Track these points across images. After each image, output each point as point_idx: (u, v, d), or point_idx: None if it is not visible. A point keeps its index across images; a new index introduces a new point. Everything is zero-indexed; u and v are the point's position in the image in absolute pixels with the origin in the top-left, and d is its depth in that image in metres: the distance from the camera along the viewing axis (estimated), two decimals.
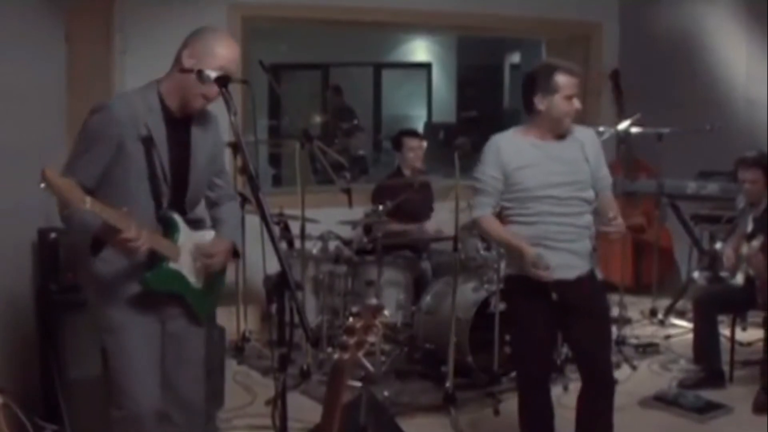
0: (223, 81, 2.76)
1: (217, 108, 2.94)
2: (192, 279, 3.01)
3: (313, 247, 5.56)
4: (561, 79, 3.50)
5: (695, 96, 6.94)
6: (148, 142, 2.82)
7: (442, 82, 12.50)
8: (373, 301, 1.99)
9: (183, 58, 2.85)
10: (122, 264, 2.87)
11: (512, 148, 3.58)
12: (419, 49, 12.42)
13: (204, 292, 3.07)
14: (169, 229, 2.91)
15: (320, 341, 5.28)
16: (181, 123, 2.95)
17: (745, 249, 4.95)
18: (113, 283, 2.89)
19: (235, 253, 3.16)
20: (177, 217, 2.93)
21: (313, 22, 7.33)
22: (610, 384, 3.65)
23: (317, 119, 10.94)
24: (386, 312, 1.93)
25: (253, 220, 5.42)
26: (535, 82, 3.53)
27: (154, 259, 2.86)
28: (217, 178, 3.18)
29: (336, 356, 1.97)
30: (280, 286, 2.58)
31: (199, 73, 2.79)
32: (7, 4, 3.99)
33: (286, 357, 2.64)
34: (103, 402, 3.87)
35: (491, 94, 12.37)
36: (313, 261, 5.48)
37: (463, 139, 4.60)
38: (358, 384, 4.76)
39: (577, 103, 3.53)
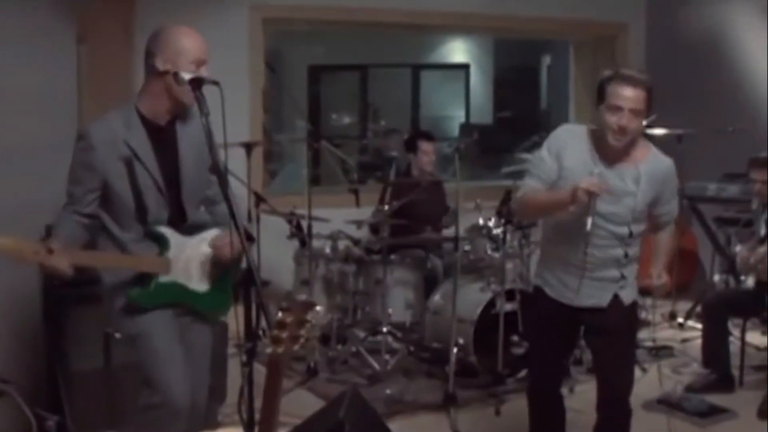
0: (197, 83, 2.83)
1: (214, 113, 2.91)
2: (192, 284, 3.09)
3: (324, 246, 5.62)
4: (612, 87, 3.12)
5: (720, 97, 6.86)
6: (129, 162, 2.91)
7: (479, 83, 12.45)
8: (303, 297, 2.03)
9: (157, 64, 2.93)
10: (125, 274, 2.99)
11: (574, 143, 3.25)
12: (457, 51, 12.39)
13: (211, 293, 3.15)
14: (159, 244, 3.01)
15: (329, 339, 5.35)
16: (166, 129, 3.02)
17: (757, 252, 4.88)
18: (120, 292, 3.01)
19: (249, 237, 3.21)
20: (164, 230, 3.01)
21: (344, 24, 7.40)
22: (625, 412, 3.56)
23: (347, 120, 11.02)
24: (319, 308, 1.98)
25: (271, 221, 5.55)
26: (598, 88, 3.21)
27: (142, 276, 2.98)
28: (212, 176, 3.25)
29: (269, 350, 2.02)
30: (246, 281, 2.67)
31: (175, 75, 2.88)
32: (17, 6, 4.11)
33: (252, 351, 2.72)
34: (104, 394, 4.01)
35: (528, 95, 12.30)
36: (323, 260, 5.54)
37: (465, 140, 4.60)
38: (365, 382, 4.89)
39: (625, 118, 3.10)
